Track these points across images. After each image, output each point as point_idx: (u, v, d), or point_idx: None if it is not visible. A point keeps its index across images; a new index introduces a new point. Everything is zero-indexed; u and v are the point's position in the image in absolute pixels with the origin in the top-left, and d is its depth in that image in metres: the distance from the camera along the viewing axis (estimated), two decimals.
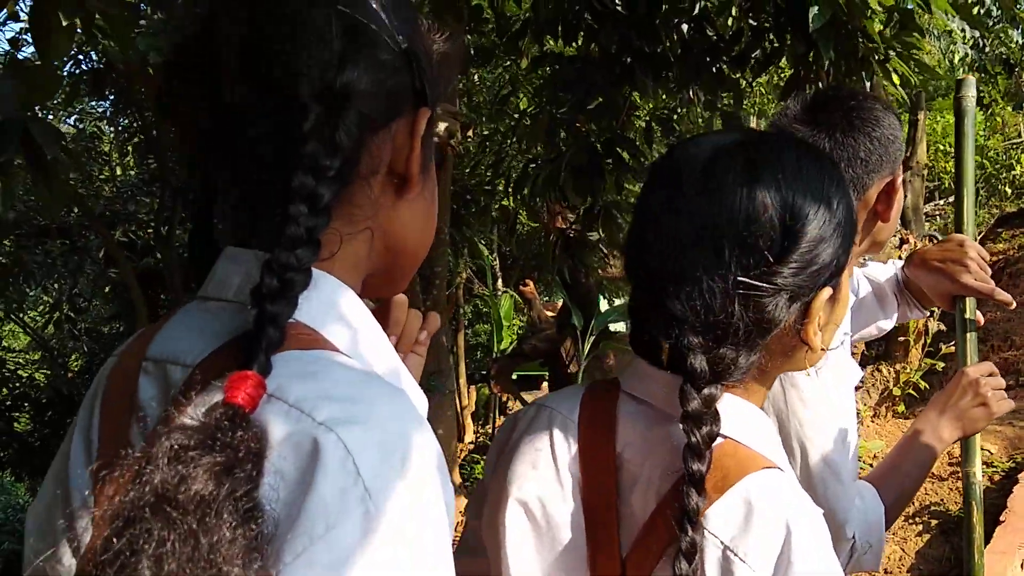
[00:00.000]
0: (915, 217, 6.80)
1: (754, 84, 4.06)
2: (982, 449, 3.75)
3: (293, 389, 0.59)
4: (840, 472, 1.34)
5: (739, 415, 0.90)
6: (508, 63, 5.64)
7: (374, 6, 0.71)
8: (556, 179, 3.63)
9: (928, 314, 1.71)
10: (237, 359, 0.59)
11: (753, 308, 0.86)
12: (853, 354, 1.96)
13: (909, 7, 3.06)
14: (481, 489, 1.08)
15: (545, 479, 0.96)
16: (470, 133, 6.38)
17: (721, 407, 0.85)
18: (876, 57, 3.06)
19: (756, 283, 0.85)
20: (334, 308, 0.70)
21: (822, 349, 0.93)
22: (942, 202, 10.47)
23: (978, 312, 1.59)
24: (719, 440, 0.84)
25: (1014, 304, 1.62)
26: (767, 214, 0.86)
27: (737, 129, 1.03)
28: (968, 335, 1.57)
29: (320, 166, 0.65)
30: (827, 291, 0.90)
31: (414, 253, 0.81)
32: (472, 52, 5.42)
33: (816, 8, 2.67)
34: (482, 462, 6.78)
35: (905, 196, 6.28)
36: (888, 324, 1.71)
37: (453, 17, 4.53)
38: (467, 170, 5.72)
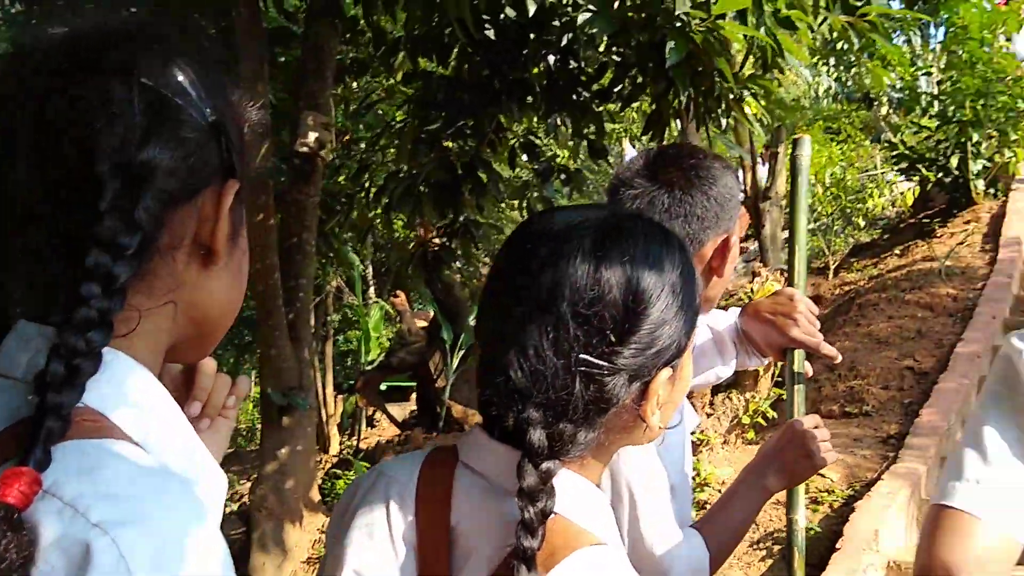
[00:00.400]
0: (772, 246, 7.09)
1: (624, 111, 4.17)
2: (823, 476, 3.98)
3: (69, 485, 0.57)
4: (665, 519, 1.37)
5: (574, 491, 0.90)
6: (384, 75, 5.61)
7: (180, 79, 0.70)
8: (414, 193, 3.64)
9: (765, 362, 1.76)
10: (15, 446, 0.57)
11: (594, 386, 0.86)
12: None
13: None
14: (325, 558, 1.07)
15: (380, 549, 0.95)
16: (346, 139, 6.31)
17: (557, 483, 0.85)
18: (732, 96, 3.20)
19: (597, 362, 0.86)
20: (125, 390, 0.67)
21: (660, 427, 0.95)
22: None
23: (807, 364, 1.64)
24: (551, 516, 0.85)
25: (839, 358, 1.70)
26: (611, 294, 0.87)
27: (595, 207, 1.04)
28: (797, 387, 1.61)
29: (117, 244, 0.63)
30: (667, 371, 0.91)
31: (220, 321, 0.79)
32: (348, 63, 5.36)
33: (672, 44, 2.77)
34: (345, 478, 6.70)
35: (763, 226, 6.54)
36: (726, 372, 1.74)
37: (327, 27, 4.49)
38: (332, 179, 5.64)
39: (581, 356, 0.86)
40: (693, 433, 4.05)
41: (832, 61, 9.35)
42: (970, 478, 1.05)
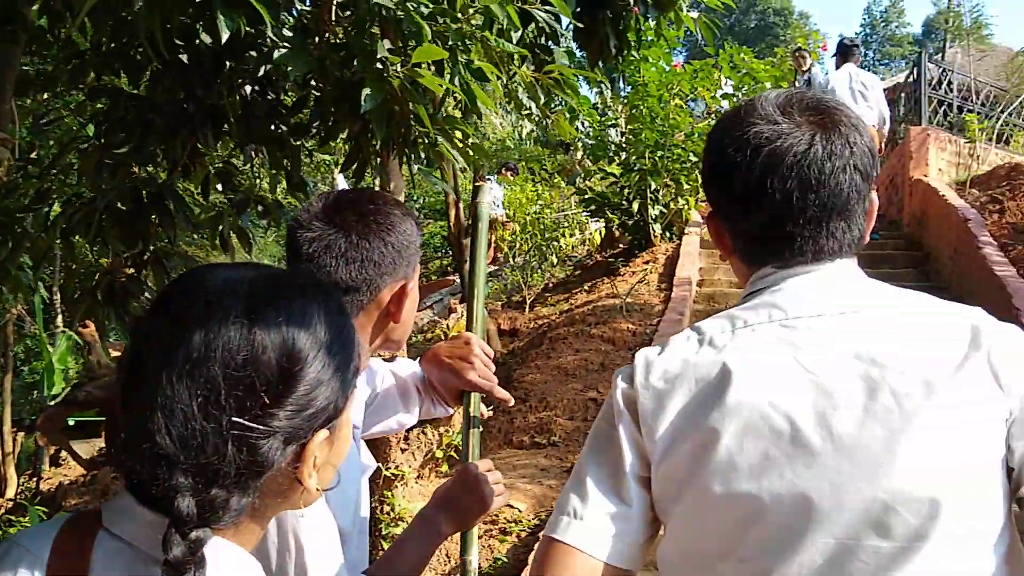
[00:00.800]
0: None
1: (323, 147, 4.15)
2: (512, 507, 4.15)
3: None
4: (333, 566, 1.36)
5: (226, 561, 0.88)
6: (72, 89, 5.17)
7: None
8: (93, 220, 3.38)
9: (451, 412, 1.80)
10: None
11: (247, 450, 0.84)
12: None
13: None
14: None
15: None
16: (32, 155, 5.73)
17: (208, 551, 0.83)
18: (427, 140, 3.30)
19: (251, 425, 0.84)
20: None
21: (318, 490, 0.94)
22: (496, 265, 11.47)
23: (483, 407, 1.71)
24: None
25: (512, 402, 1.79)
26: (265, 355, 0.86)
27: (252, 265, 1.01)
28: (473, 431, 1.65)
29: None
30: (324, 433, 0.91)
31: None
32: (35, 75, 4.89)
33: (368, 90, 2.81)
34: (18, 525, 6.05)
35: (466, 261, 6.72)
36: (410, 419, 1.77)
37: (6, 35, 4.07)
38: (8, 198, 5.09)
39: (234, 419, 0.84)
40: (387, 469, 4.08)
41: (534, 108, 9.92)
42: (572, 513, 1.14)
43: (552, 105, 4.15)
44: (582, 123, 9.63)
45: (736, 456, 1.05)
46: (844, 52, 9.11)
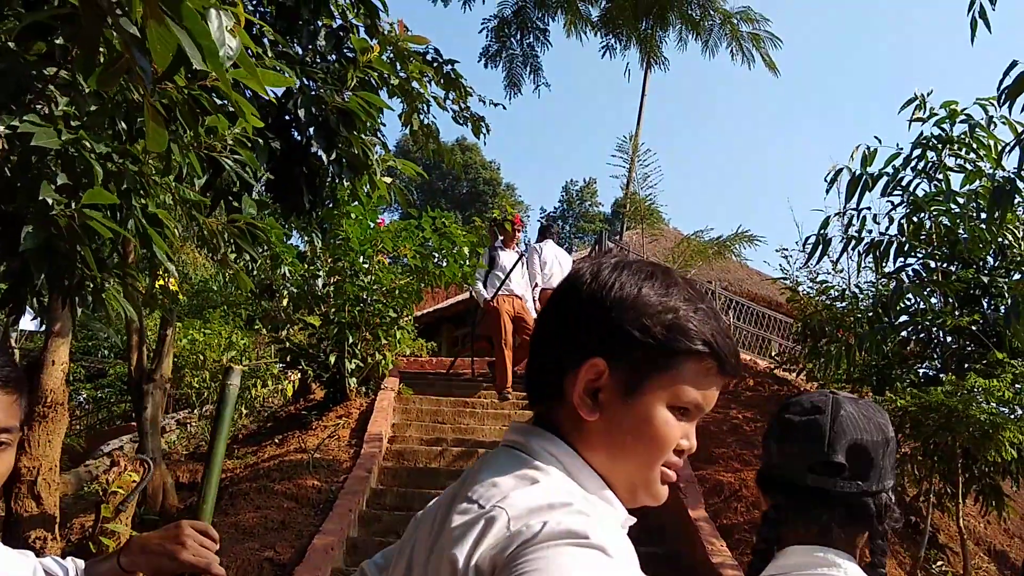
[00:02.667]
0: (152, 430, 6.87)
1: None
2: None
3: None
4: None
5: None
6: None
7: None
8: None
9: None
10: None
11: None
12: None
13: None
14: None
15: None
16: None
17: None
18: (94, 284, 3.13)
19: None
20: None
21: None
22: (184, 413, 10.85)
23: None
24: None
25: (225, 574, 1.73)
26: None
27: None
28: None
29: None
30: None
31: None
32: None
33: (30, 229, 2.65)
34: None
35: (145, 407, 6.29)
36: None
37: None
38: None
39: None
40: None
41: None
42: None
43: (259, 251, 4.10)
44: (285, 272, 9.55)
45: None
46: (544, 231, 10.87)
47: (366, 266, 9.25)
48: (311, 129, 4.06)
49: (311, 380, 9.78)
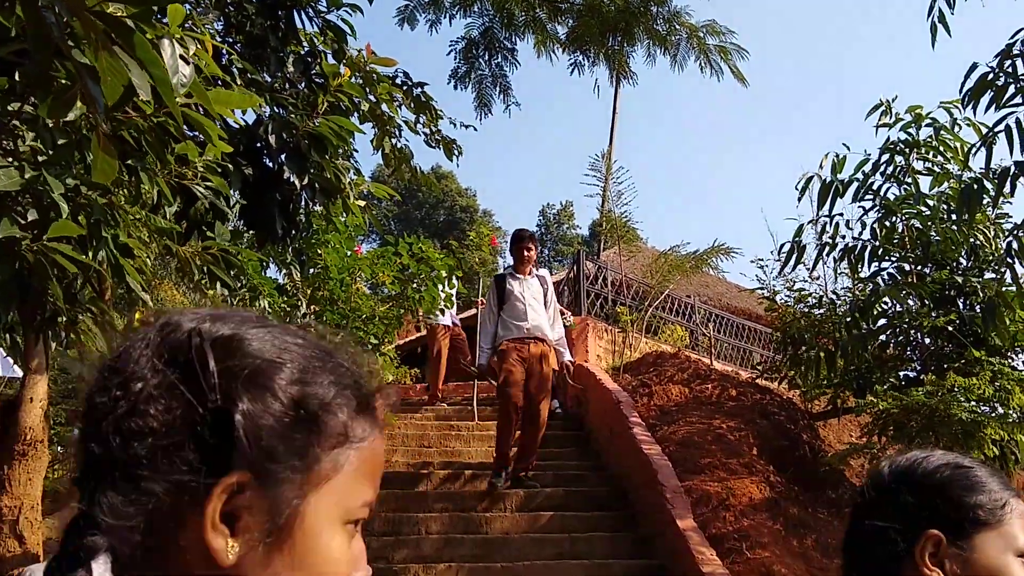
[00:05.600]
0: None
1: None
2: None
3: None
4: None
5: None
6: None
7: None
8: None
9: None
10: None
11: None
12: None
13: None
14: None
15: None
16: None
17: None
18: (66, 319, 3.11)
19: None
20: None
21: None
22: None
23: None
24: None
25: None
26: None
27: None
28: None
29: None
30: None
31: None
32: None
33: None
34: None
35: None
36: None
37: None
38: None
39: None
40: None
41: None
42: None
43: (236, 282, 4.08)
44: (265, 306, 9.52)
45: None
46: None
47: (345, 294, 9.23)
48: (283, 155, 4.06)
49: None
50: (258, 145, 4.16)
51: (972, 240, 7.15)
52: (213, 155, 3.41)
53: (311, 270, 9.27)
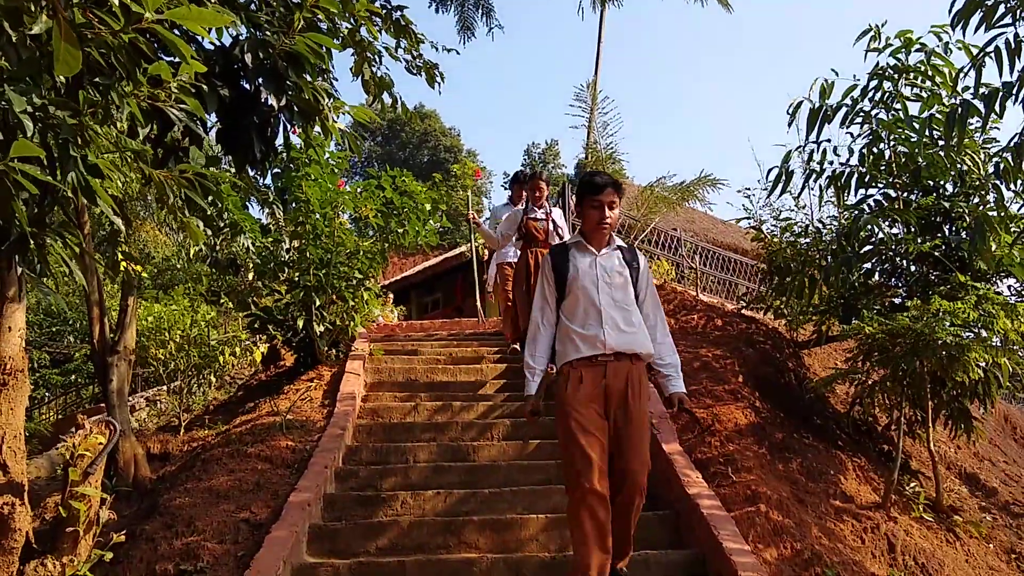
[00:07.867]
0: (120, 402, 6.78)
1: None
2: None
3: None
4: None
5: None
6: None
7: None
8: None
9: None
10: None
11: None
12: None
13: None
14: None
15: None
16: None
17: None
18: (36, 242, 3.04)
19: None
20: None
21: None
22: (153, 390, 10.72)
23: None
24: None
25: None
26: None
27: None
28: None
29: None
30: None
31: None
32: None
33: None
34: None
35: (110, 380, 6.17)
36: None
37: None
38: None
39: None
40: None
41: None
42: None
43: (212, 208, 3.98)
44: (251, 243, 9.39)
45: None
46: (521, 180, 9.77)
47: (328, 228, 9.12)
48: (260, 77, 3.95)
49: (281, 346, 9.68)
50: (235, 67, 4.04)
51: (960, 165, 7.09)
52: (187, 76, 3.30)
53: (293, 204, 9.15)
